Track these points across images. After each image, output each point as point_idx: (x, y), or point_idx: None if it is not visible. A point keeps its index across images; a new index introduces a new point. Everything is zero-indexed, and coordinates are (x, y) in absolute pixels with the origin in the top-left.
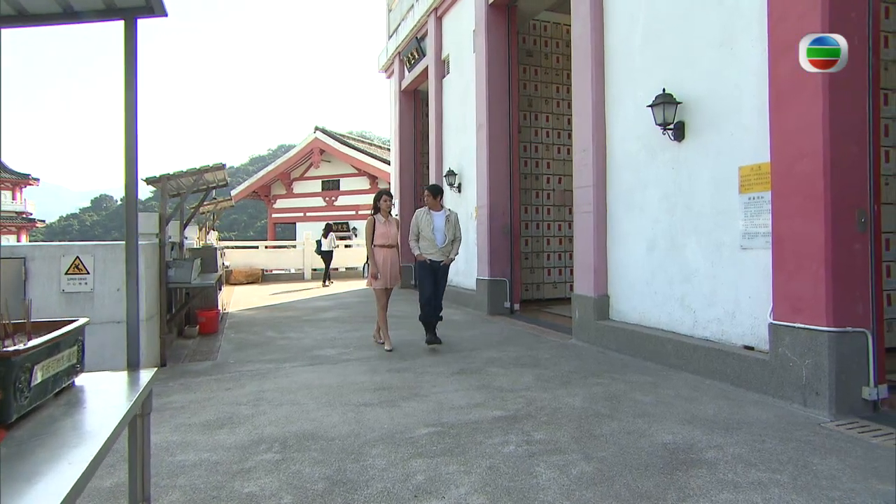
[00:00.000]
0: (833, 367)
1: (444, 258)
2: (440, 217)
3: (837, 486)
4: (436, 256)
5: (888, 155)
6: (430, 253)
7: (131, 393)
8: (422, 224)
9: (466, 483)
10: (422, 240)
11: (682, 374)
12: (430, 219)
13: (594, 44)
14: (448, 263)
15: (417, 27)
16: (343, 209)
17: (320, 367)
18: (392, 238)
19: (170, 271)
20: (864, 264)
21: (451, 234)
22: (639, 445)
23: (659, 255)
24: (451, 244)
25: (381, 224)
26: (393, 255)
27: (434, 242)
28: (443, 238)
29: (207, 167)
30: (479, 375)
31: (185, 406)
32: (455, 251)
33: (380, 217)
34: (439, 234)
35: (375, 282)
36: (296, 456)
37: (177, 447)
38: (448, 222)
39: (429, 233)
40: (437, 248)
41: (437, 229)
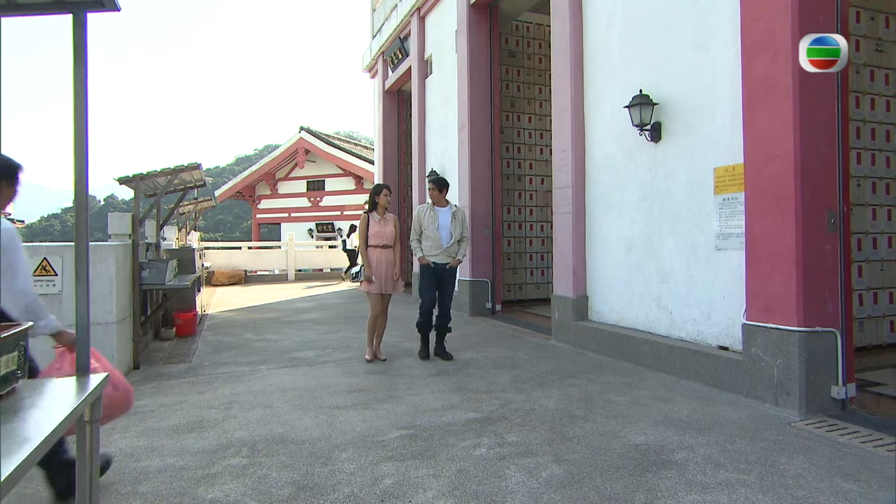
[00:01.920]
0: (803, 366)
1: (449, 260)
2: (445, 213)
3: (803, 486)
4: (440, 258)
5: (860, 157)
6: (434, 254)
7: (75, 399)
8: (425, 221)
9: (435, 487)
10: (425, 239)
11: (659, 375)
12: (434, 215)
13: (573, 44)
14: (455, 266)
15: (401, 27)
16: (328, 209)
17: (296, 370)
18: (388, 238)
19: (143, 272)
20: (834, 265)
21: (458, 233)
22: (611, 447)
23: (637, 255)
24: (457, 244)
25: (376, 222)
26: (390, 258)
27: (438, 242)
28: (448, 237)
29: (182, 167)
30: (456, 377)
31: (155, 410)
32: (463, 252)
33: (374, 215)
34: (444, 232)
35: (370, 286)
36: (263, 460)
37: (142, 452)
38: (455, 219)
39: (433, 231)
40: (442, 248)
41: (441, 227)
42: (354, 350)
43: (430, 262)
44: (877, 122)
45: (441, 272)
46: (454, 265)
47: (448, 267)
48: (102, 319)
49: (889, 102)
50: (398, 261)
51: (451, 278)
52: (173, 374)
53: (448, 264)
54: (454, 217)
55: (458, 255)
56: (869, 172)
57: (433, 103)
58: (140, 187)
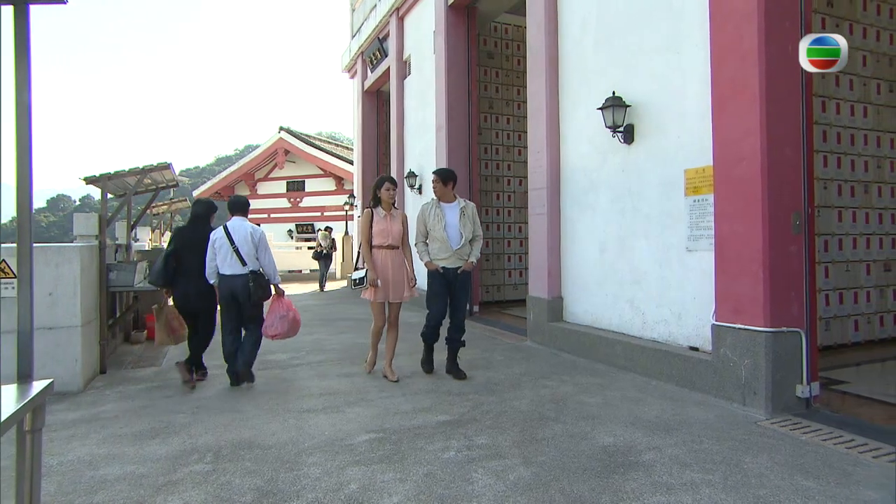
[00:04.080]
0: (769, 366)
1: (461, 263)
2: (453, 210)
3: (765, 484)
4: (450, 262)
5: (826, 160)
6: (443, 258)
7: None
8: (430, 221)
9: (400, 491)
10: (432, 241)
11: (631, 376)
12: (440, 213)
13: (548, 46)
14: (468, 269)
15: (380, 27)
16: (308, 210)
17: (267, 372)
18: (396, 237)
19: (111, 274)
20: (799, 266)
21: (469, 232)
22: (579, 449)
23: (610, 256)
24: (469, 244)
25: (381, 219)
26: (397, 260)
27: (447, 244)
28: (458, 237)
29: (151, 166)
30: (429, 379)
31: (118, 415)
32: (476, 253)
33: (379, 210)
34: (453, 231)
35: (375, 293)
36: (228, 466)
37: (101, 460)
38: (464, 216)
39: (440, 231)
40: (452, 250)
41: (449, 226)
42: (328, 353)
43: (439, 267)
44: (842, 127)
45: (453, 278)
46: (467, 268)
47: (460, 271)
48: (66, 322)
49: (854, 107)
50: (408, 263)
51: (464, 284)
52: (141, 378)
53: (460, 268)
54: (463, 213)
55: (471, 256)
56: (835, 175)
57: (412, 104)
58: (108, 187)
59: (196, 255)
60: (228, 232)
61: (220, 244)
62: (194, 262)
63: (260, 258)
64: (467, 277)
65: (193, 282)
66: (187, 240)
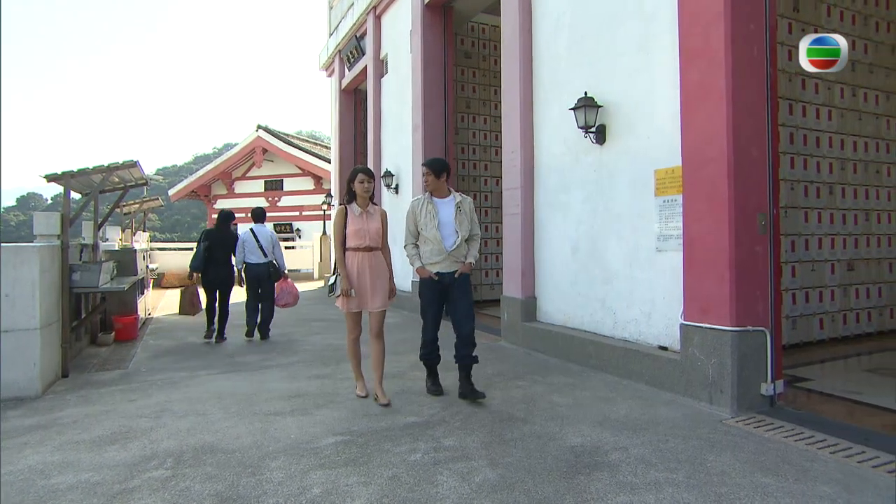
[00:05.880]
0: (735, 365)
1: (457, 267)
2: (447, 206)
3: (726, 482)
4: (445, 266)
5: (793, 161)
6: (436, 262)
7: None
8: (421, 219)
9: (363, 495)
10: (423, 243)
11: (603, 375)
12: (432, 209)
13: (522, 46)
14: (466, 272)
15: (357, 25)
16: (287, 210)
17: (237, 375)
18: (374, 237)
19: (74, 275)
20: (765, 266)
21: (466, 230)
22: (546, 450)
23: (582, 256)
24: (465, 244)
25: (357, 217)
26: (375, 264)
27: (440, 245)
28: (454, 237)
29: (117, 164)
30: (400, 380)
31: (77, 421)
32: (474, 253)
33: (354, 207)
34: (447, 230)
35: (348, 302)
36: (188, 472)
37: (55, 468)
38: (460, 212)
39: (432, 231)
40: (446, 252)
41: (443, 224)
42: (300, 354)
43: (433, 273)
44: (808, 129)
45: (448, 285)
46: (464, 271)
47: (457, 275)
48: (24, 325)
49: (819, 110)
50: (388, 267)
51: (463, 289)
52: (105, 381)
53: (457, 272)
54: (459, 209)
55: (468, 257)
56: (802, 177)
57: (388, 103)
58: (71, 185)
59: (220, 249)
60: (255, 233)
61: (249, 242)
62: (220, 254)
63: (274, 252)
64: (466, 281)
65: (219, 268)
66: (216, 238)
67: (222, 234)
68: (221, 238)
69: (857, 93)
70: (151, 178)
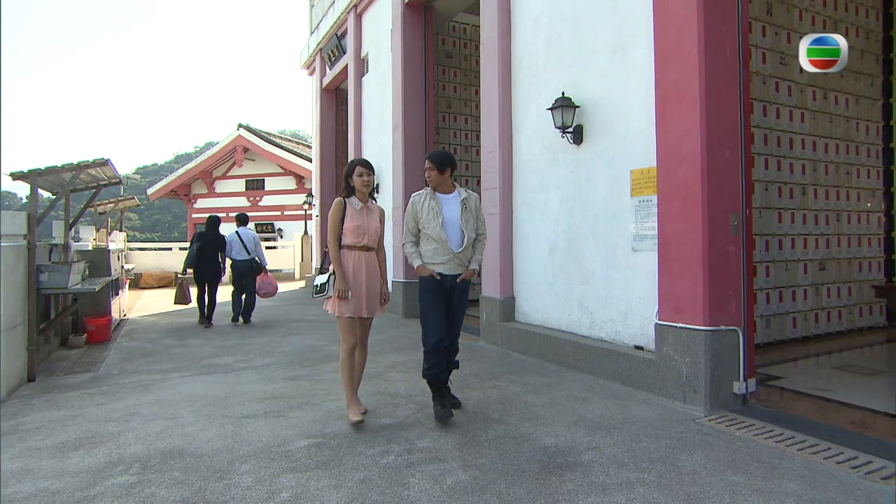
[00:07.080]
0: (708, 364)
1: (461, 270)
2: (452, 203)
3: (697, 481)
4: (448, 269)
5: (767, 162)
6: (439, 262)
7: None
8: (423, 215)
9: (334, 499)
10: (425, 241)
11: (579, 375)
12: (436, 206)
13: (501, 46)
14: (468, 278)
15: (338, 24)
16: (268, 209)
17: (211, 377)
18: (373, 236)
19: (41, 276)
20: (737, 266)
21: (472, 230)
22: (520, 451)
23: (560, 256)
24: (471, 246)
25: (357, 213)
26: (372, 265)
27: (446, 245)
28: (459, 237)
29: (87, 162)
30: (377, 381)
31: (41, 426)
32: (478, 258)
33: (354, 201)
34: (452, 229)
35: (342, 305)
36: (154, 477)
37: (13, 477)
38: (466, 210)
39: (435, 229)
40: (452, 253)
41: (448, 223)
42: (277, 356)
43: (435, 272)
44: (781, 131)
45: (450, 287)
46: (467, 277)
47: (460, 280)
48: None
49: (792, 112)
50: (383, 270)
51: (462, 296)
52: (74, 384)
53: (460, 276)
54: (465, 207)
55: (473, 262)
56: (776, 178)
57: (369, 102)
58: (39, 183)
59: (211, 249)
60: (240, 235)
61: (235, 242)
62: (210, 253)
63: (256, 251)
64: (466, 287)
65: (209, 264)
66: (206, 240)
67: (212, 236)
68: (211, 240)
69: (829, 96)
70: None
